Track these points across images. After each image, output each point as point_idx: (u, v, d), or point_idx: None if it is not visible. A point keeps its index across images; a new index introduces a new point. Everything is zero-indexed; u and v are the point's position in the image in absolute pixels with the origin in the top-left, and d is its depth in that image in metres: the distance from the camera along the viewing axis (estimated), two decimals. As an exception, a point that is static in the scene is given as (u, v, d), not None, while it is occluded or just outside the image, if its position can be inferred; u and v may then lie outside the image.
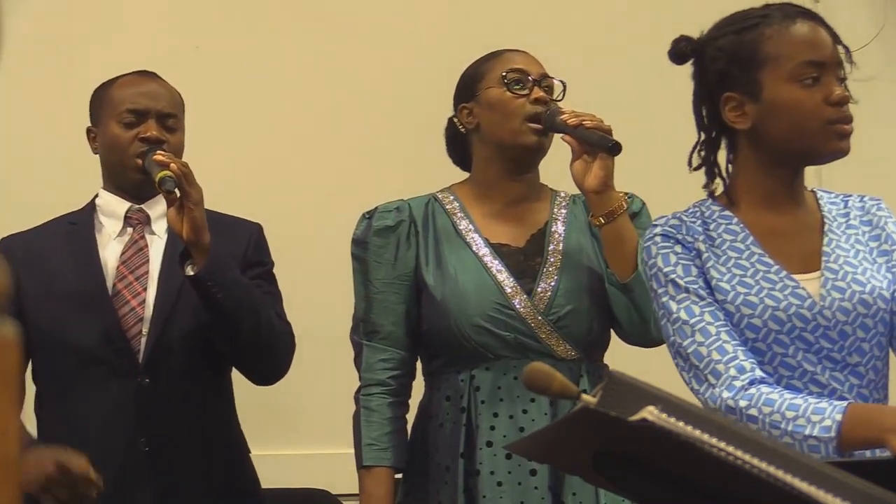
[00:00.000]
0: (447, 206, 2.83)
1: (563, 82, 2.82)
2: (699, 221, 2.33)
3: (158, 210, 2.93)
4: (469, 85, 2.84)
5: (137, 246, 2.93)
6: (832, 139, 2.26)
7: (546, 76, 2.81)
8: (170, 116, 2.96)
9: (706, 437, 1.29)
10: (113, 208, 2.97)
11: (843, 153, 2.28)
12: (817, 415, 2.09)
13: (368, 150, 3.84)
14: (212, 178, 3.60)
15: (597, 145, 2.63)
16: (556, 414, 2.67)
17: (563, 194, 2.88)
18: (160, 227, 2.94)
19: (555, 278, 2.75)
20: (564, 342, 2.71)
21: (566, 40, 3.90)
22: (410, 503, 2.76)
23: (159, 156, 2.77)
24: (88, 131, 3.03)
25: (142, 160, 2.87)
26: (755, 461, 1.28)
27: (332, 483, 3.57)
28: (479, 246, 2.77)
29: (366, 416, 2.74)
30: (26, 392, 2.92)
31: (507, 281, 2.73)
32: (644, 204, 2.82)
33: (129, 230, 2.95)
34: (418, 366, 2.86)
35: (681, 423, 1.29)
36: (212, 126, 3.75)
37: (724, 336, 2.23)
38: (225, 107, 3.78)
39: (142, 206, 2.96)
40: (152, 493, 2.82)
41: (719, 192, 2.37)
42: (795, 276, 2.28)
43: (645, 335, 2.75)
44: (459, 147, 2.90)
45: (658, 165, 3.84)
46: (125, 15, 3.81)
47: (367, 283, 2.79)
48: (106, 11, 3.80)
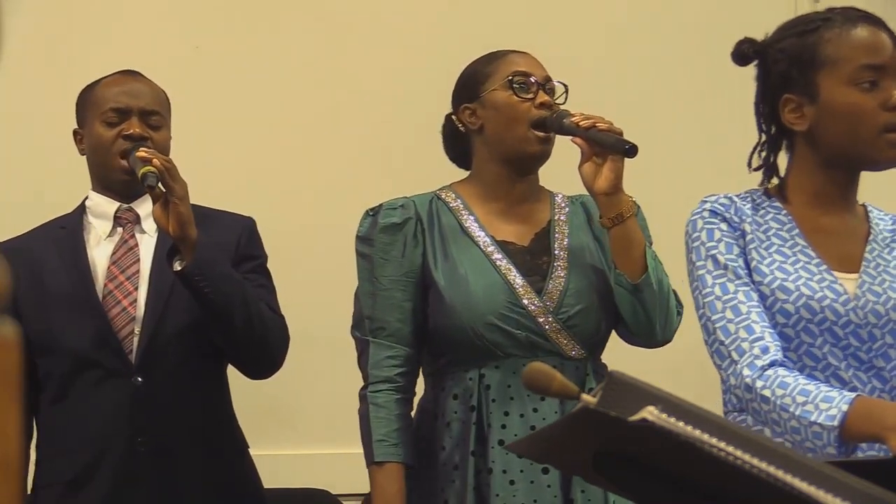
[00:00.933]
0: (451, 205, 2.83)
1: (565, 85, 2.82)
2: (749, 205, 2.37)
3: (148, 208, 2.91)
4: (472, 85, 2.83)
5: (127, 245, 2.93)
6: (886, 147, 2.27)
7: (549, 79, 2.82)
8: (153, 114, 2.95)
9: (706, 437, 1.29)
10: (102, 209, 2.97)
11: (894, 163, 2.29)
12: (825, 403, 2.11)
13: (369, 148, 3.84)
14: (211, 177, 3.61)
15: (612, 148, 2.62)
16: (565, 412, 2.66)
17: (560, 195, 2.89)
18: (150, 226, 2.93)
19: (564, 277, 2.75)
20: (572, 341, 2.72)
21: (566, 40, 3.91)
22: (415, 502, 2.76)
23: (142, 152, 2.76)
24: (75, 133, 3.03)
25: (126, 158, 2.87)
26: (755, 461, 1.28)
27: (332, 483, 3.57)
28: (486, 244, 2.77)
29: (375, 413, 2.73)
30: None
31: (517, 279, 2.73)
32: (639, 207, 2.83)
33: (119, 230, 2.95)
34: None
35: (681, 423, 1.29)
36: (211, 126, 3.75)
37: (753, 316, 2.26)
38: (225, 107, 3.78)
39: (131, 205, 2.96)
40: (151, 492, 2.82)
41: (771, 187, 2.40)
42: (835, 273, 2.29)
43: (650, 336, 2.75)
44: (458, 145, 2.90)
45: (656, 167, 3.84)
46: (125, 15, 3.81)
47: (374, 280, 2.78)
48: (106, 11, 3.80)
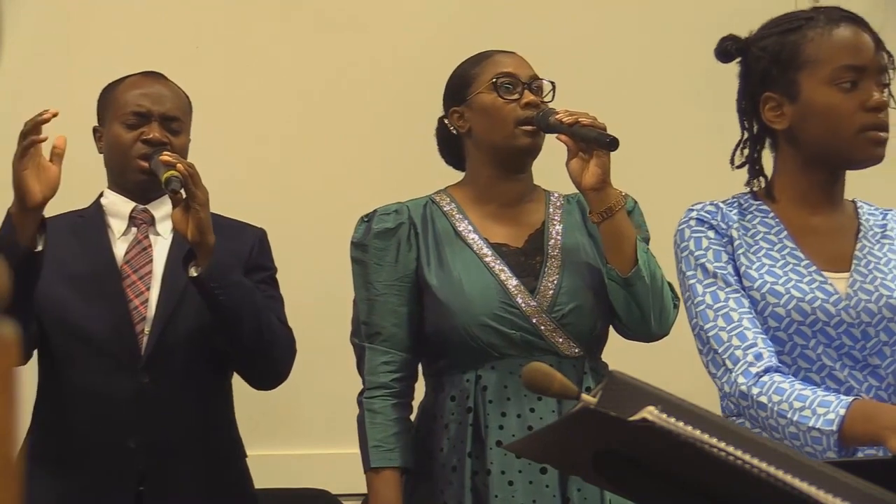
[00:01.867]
0: (445, 208, 2.83)
1: (552, 83, 2.82)
2: (736, 210, 2.37)
3: (163, 211, 2.93)
4: (459, 89, 2.84)
5: (141, 246, 2.93)
6: (865, 146, 2.27)
7: (536, 78, 2.82)
8: (174, 119, 2.96)
9: (706, 437, 1.29)
10: (118, 208, 2.97)
11: (874, 161, 2.30)
12: (823, 407, 2.11)
13: (370, 152, 3.84)
14: (210, 177, 3.61)
15: (594, 142, 2.63)
16: (562, 411, 2.67)
17: (555, 195, 2.89)
18: (165, 228, 2.94)
19: (557, 276, 2.75)
20: (568, 339, 2.72)
21: (563, 39, 3.91)
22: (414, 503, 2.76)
23: (166, 156, 2.77)
24: (94, 130, 3.03)
25: (146, 161, 2.88)
26: (755, 461, 1.28)
27: (332, 483, 3.57)
28: (479, 246, 2.77)
29: (370, 419, 2.74)
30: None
31: (510, 280, 2.74)
32: (636, 203, 2.83)
33: (134, 230, 2.95)
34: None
35: (681, 423, 1.29)
36: (211, 126, 3.75)
37: (745, 323, 2.25)
38: (224, 107, 3.78)
39: (146, 206, 2.96)
40: (140, 489, 2.81)
41: (758, 188, 2.40)
42: (825, 273, 2.29)
43: (645, 330, 2.75)
44: (452, 148, 2.91)
45: (649, 164, 3.84)
46: (125, 15, 3.81)
47: (368, 286, 2.79)
48: (106, 11, 3.80)
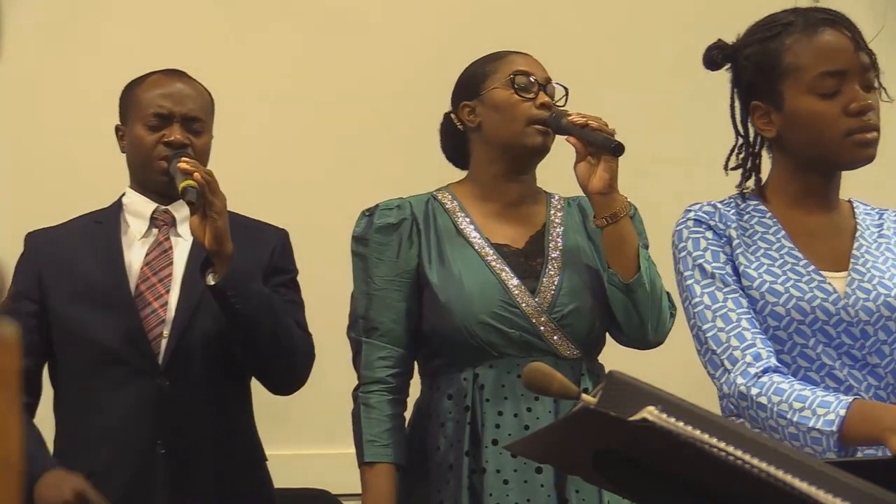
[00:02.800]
0: (447, 206, 2.83)
1: (565, 87, 2.82)
2: (734, 210, 2.37)
3: (185, 212, 2.91)
4: (472, 83, 2.83)
5: (162, 248, 2.92)
6: (852, 149, 2.27)
7: (549, 80, 2.82)
8: (195, 120, 2.94)
9: (706, 437, 1.29)
10: (139, 208, 2.96)
11: (864, 161, 2.30)
12: (823, 408, 2.11)
13: (369, 148, 3.84)
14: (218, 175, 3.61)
15: (600, 146, 2.63)
16: (559, 411, 2.68)
17: (556, 197, 2.89)
18: (186, 230, 2.92)
19: (557, 277, 2.76)
20: (567, 340, 2.72)
21: (565, 40, 3.91)
22: (410, 503, 2.76)
23: (184, 164, 2.75)
24: (117, 129, 3.02)
25: (167, 163, 2.87)
26: (755, 461, 1.28)
27: (332, 483, 3.57)
28: (481, 245, 2.77)
29: (366, 414, 2.74)
30: (42, 394, 2.93)
31: (511, 280, 2.73)
32: (636, 210, 2.83)
33: (155, 231, 2.94)
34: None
35: (681, 423, 1.29)
36: (216, 125, 3.75)
37: (744, 323, 2.25)
38: (224, 107, 3.78)
39: (168, 207, 2.95)
40: (167, 495, 2.81)
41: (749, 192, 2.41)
42: (823, 273, 2.29)
43: (642, 337, 2.76)
44: (456, 144, 2.90)
45: (647, 164, 3.84)
46: (125, 14, 3.81)
47: (368, 280, 2.79)
48: (106, 10, 3.80)
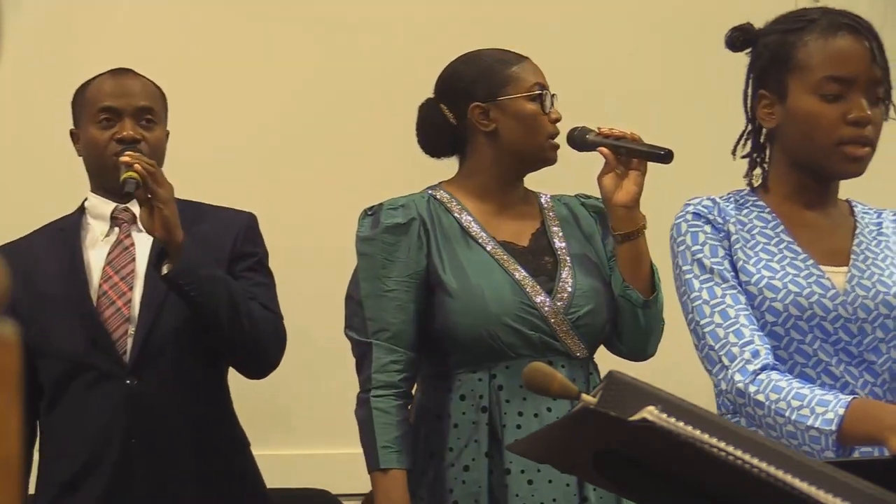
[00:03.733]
0: (448, 204, 2.80)
1: (554, 95, 2.82)
2: (732, 205, 2.37)
3: None
4: (487, 85, 2.78)
5: (123, 246, 2.91)
6: (840, 160, 2.27)
7: (547, 87, 2.82)
8: (146, 111, 2.92)
9: (706, 437, 1.29)
10: (100, 210, 2.96)
11: (851, 175, 2.30)
12: (821, 406, 2.10)
13: (368, 146, 3.83)
14: (210, 176, 3.61)
15: (648, 156, 2.63)
16: None
17: (544, 196, 2.89)
18: None
19: (572, 278, 2.76)
20: (580, 341, 2.72)
21: (556, 37, 3.91)
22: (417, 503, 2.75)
23: (126, 157, 2.75)
24: (72, 134, 3.01)
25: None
26: (755, 461, 1.28)
27: (332, 483, 3.57)
28: (488, 244, 2.76)
29: (378, 418, 2.70)
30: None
31: (527, 280, 2.72)
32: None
33: (116, 230, 2.94)
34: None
35: (681, 423, 1.29)
36: (211, 125, 3.75)
37: (742, 319, 2.25)
38: (224, 106, 3.78)
39: (127, 205, 2.94)
40: (147, 492, 2.81)
41: (757, 182, 2.40)
42: (822, 268, 2.29)
43: (642, 349, 2.79)
44: (443, 135, 2.85)
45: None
46: (125, 15, 3.81)
47: (376, 281, 2.74)
48: (106, 11, 3.80)
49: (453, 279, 2.72)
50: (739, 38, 2.39)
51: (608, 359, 2.80)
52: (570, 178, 2.84)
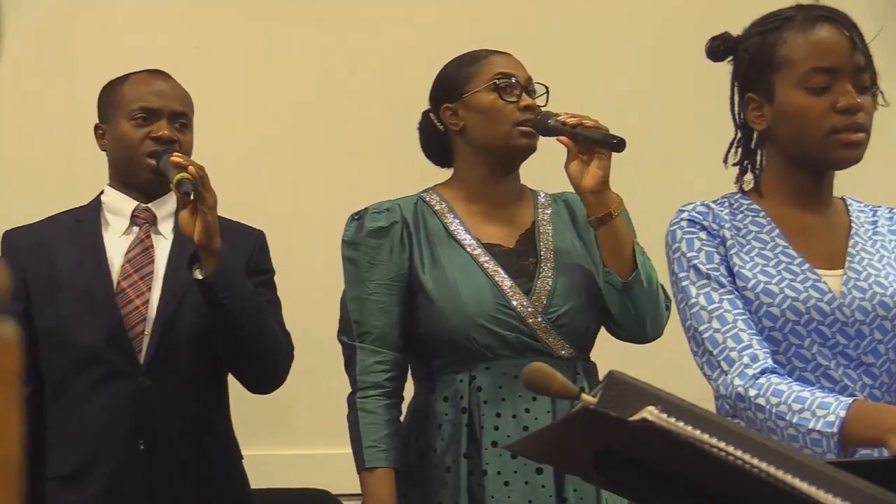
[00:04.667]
0: (436, 207, 2.83)
1: (545, 87, 2.82)
2: (727, 210, 2.36)
3: (165, 210, 2.92)
4: (453, 85, 2.82)
5: (143, 245, 2.91)
6: (835, 148, 2.26)
7: (531, 80, 2.82)
8: (181, 116, 2.95)
9: (706, 437, 1.29)
10: (119, 206, 2.95)
11: (849, 162, 2.29)
12: (822, 409, 2.10)
13: (367, 149, 3.84)
14: (211, 176, 3.60)
15: (601, 144, 2.63)
16: (557, 411, 2.68)
17: (542, 194, 2.89)
18: (166, 228, 2.93)
19: (551, 278, 2.76)
20: (562, 340, 2.73)
21: (555, 37, 3.91)
22: None
23: (177, 157, 2.75)
24: (96, 128, 3.01)
25: (155, 160, 2.86)
26: (755, 461, 1.28)
27: (332, 483, 3.57)
28: (472, 247, 2.77)
29: (364, 419, 2.73)
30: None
31: (505, 281, 2.74)
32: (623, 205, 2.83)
33: (135, 229, 2.93)
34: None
35: (681, 423, 1.29)
36: (210, 125, 3.75)
37: (740, 324, 2.25)
38: (224, 107, 3.78)
39: (148, 205, 2.94)
40: (147, 492, 2.81)
41: (748, 187, 2.40)
42: (818, 271, 2.29)
43: (641, 333, 2.77)
44: (435, 143, 2.89)
45: (639, 163, 3.84)
46: (125, 14, 3.81)
47: (360, 285, 2.78)
48: (106, 11, 3.80)
49: (432, 281, 2.74)
50: (720, 47, 2.39)
51: (608, 359, 2.80)
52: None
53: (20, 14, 3.67)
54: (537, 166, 2.82)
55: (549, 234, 2.82)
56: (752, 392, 2.18)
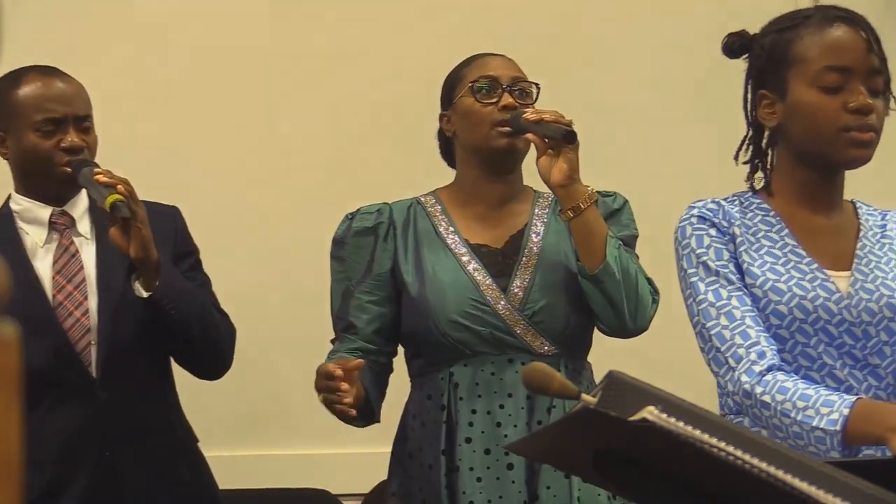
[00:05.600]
0: (429, 209, 2.86)
1: (536, 84, 2.83)
2: (737, 208, 2.37)
3: (80, 210, 2.85)
4: (447, 91, 2.89)
5: (69, 252, 2.82)
6: (845, 147, 2.27)
7: (519, 80, 2.83)
8: (85, 119, 2.84)
9: (706, 437, 1.29)
10: (34, 214, 2.84)
11: (858, 162, 2.29)
12: (826, 407, 2.11)
13: (374, 149, 3.83)
14: (210, 176, 3.60)
15: (552, 136, 2.66)
16: (531, 409, 2.71)
17: (545, 195, 2.90)
18: (85, 228, 2.85)
19: (529, 275, 2.78)
20: (541, 337, 2.74)
21: (561, 39, 3.91)
22: (397, 503, 2.78)
23: (101, 176, 2.67)
24: None
25: (70, 168, 2.77)
26: (755, 461, 1.28)
27: (332, 483, 3.57)
28: (457, 246, 2.80)
29: (328, 359, 2.74)
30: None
31: (484, 279, 2.76)
32: (627, 202, 2.85)
33: (56, 236, 2.83)
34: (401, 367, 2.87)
35: (681, 423, 1.29)
36: (210, 126, 3.75)
37: (748, 321, 2.25)
38: (224, 107, 3.78)
39: (63, 208, 2.84)
40: (125, 500, 2.77)
41: (759, 185, 2.40)
42: (826, 271, 2.29)
43: (620, 326, 2.76)
44: (446, 148, 2.94)
45: (648, 161, 3.84)
46: (125, 15, 3.81)
47: (345, 283, 2.83)
48: (106, 12, 3.80)
49: (414, 281, 2.78)
50: (736, 44, 2.40)
51: (608, 359, 2.80)
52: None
53: (20, 14, 3.67)
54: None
55: (538, 233, 2.83)
56: (759, 389, 2.18)
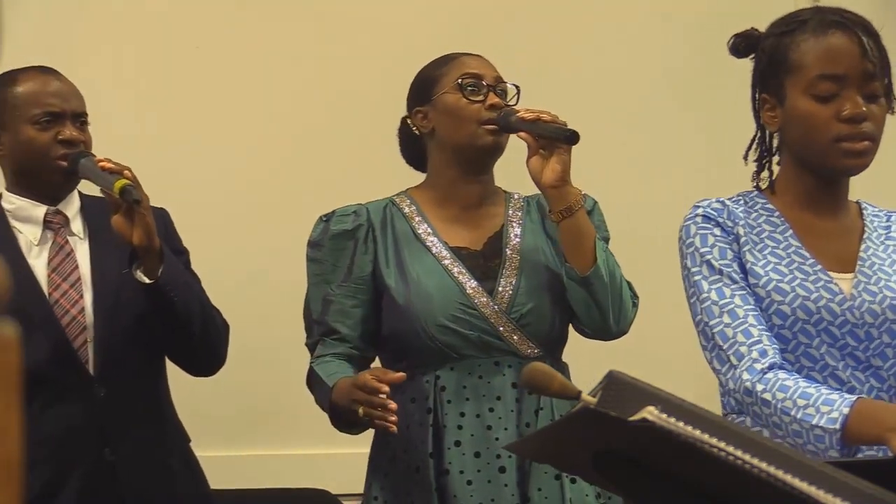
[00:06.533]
0: (405, 210, 2.85)
1: (516, 86, 2.83)
2: (742, 208, 2.37)
3: (73, 209, 2.86)
4: (423, 89, 2.86)
5: (64, 251, 2.83)
6: (839, 156, 2.27)
7: (500, 80, 2.83)
8: (81, 116, 2.86)
9: (706, 437, 1.29)
10: (28, 213, 2.85)
11: (854, 170, 2.30)
12: (826, 406, 2.11)
13: (369, 148, 3.83)
14: (210, 176, 3.60)
15: (554, 137, 2.65)
16: (521, 411, 2.71)
17: (516, 196, 2.90)
18: (78, 227, 2.85)
19: (514, 278, 2.77)
20: (527, 340, 2.74)
21: (549, 40, 3.91)
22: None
23: (106, 163, 2.68)
24: None
25: (66, 162, 2.78)
26: (755, 461, 1.28)
27: (332, 483, 3.57)
28: (439, 249, 2.79)
29: (320, 368, 2.73)
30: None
31: (469, 283, 2.75)
32: (596, 203, 2.84)
33: (50, 234, 2.83)
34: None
35: (681, 423, 1.29)
36: (210, 126, 3.75)
37: (751, 320, 2.26)
38: (224, 106, 3.78)
39: (58, 207, 2.84)
40: (122, 498, 2.77)
41: (764, 185, 2.41)
42: (830, 273, 2.30)
43: (604, 329, 2.76)
44: (413, 148, 2.91)
45: (647, 163, 3.84)
46: (125, 15, 3.81)
47: (324, 286, 2.80)
48: (106, 12, 3.80)
49: (396, 283, 2.77)
50: (742, 44, 2.40)
51: (607, 359, 2.80)
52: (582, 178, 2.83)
53: (20, 14, 3.68)
54: (518, 167, 2.82)
55: (517, 234, 2.83)
56: (760, 387, 2.19)
